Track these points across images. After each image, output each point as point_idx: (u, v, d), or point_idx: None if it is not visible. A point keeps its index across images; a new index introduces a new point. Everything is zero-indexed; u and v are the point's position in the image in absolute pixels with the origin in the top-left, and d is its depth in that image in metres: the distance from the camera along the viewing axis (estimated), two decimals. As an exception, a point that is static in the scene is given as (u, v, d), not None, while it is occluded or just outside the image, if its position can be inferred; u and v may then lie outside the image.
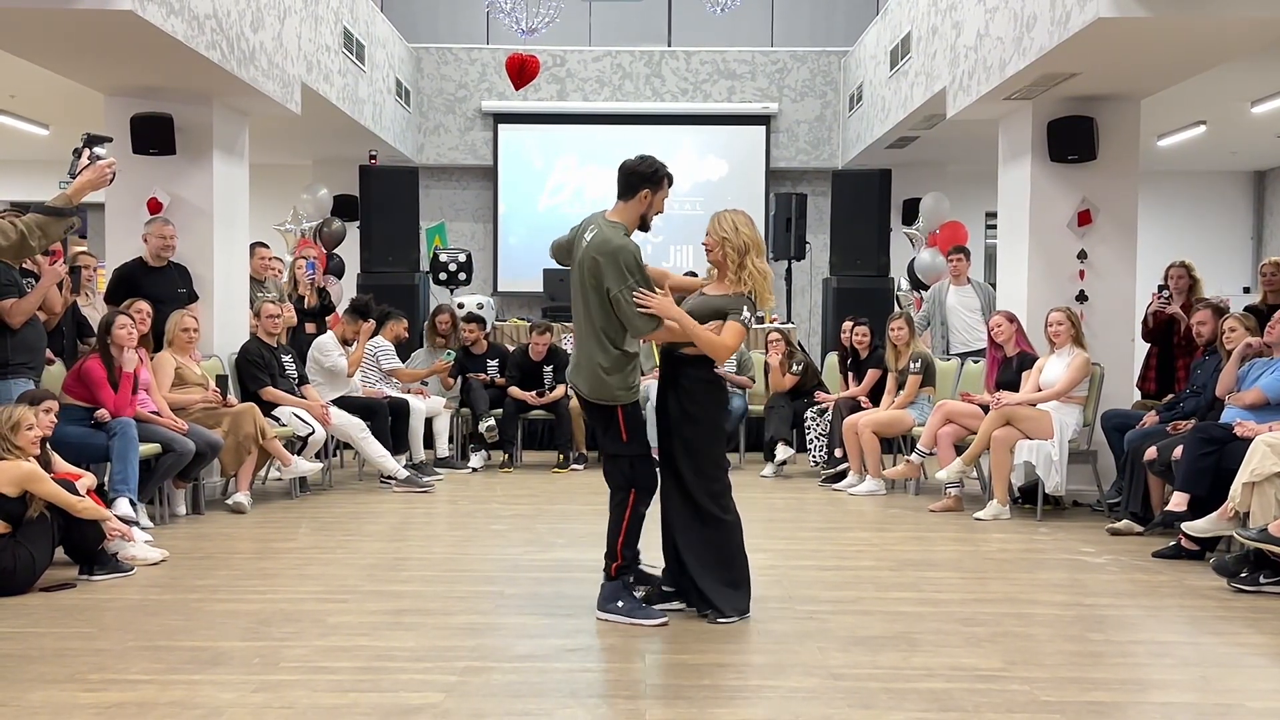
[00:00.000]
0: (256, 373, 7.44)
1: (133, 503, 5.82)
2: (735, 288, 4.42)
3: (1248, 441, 5.23)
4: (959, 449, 7.09)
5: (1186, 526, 5.43)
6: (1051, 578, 5.28)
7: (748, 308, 4.39)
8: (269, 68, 7.61)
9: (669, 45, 13.59)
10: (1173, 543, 5.67)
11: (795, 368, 8.80)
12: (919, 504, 7.29)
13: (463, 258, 11.20)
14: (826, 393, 8.71)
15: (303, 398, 7.64)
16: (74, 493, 4.92)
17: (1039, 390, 6.86)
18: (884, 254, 10.69)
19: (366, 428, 7.78)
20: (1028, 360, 7.13)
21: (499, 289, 13.23)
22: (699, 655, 3.97)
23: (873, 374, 8.25)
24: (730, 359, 8.79)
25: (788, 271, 11.63)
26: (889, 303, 10.44)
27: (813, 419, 8.45)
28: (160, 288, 7.10)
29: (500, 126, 13.30)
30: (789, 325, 10.20)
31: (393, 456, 7.86)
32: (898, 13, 10.36)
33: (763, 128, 13.25)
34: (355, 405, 7.97)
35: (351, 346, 8.23)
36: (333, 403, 7.84)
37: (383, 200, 10.50)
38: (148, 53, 6.46)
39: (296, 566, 5.39)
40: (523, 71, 10.34)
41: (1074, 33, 6.10)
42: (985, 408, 6.99)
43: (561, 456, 8.92)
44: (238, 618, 4.40)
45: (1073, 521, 6.76)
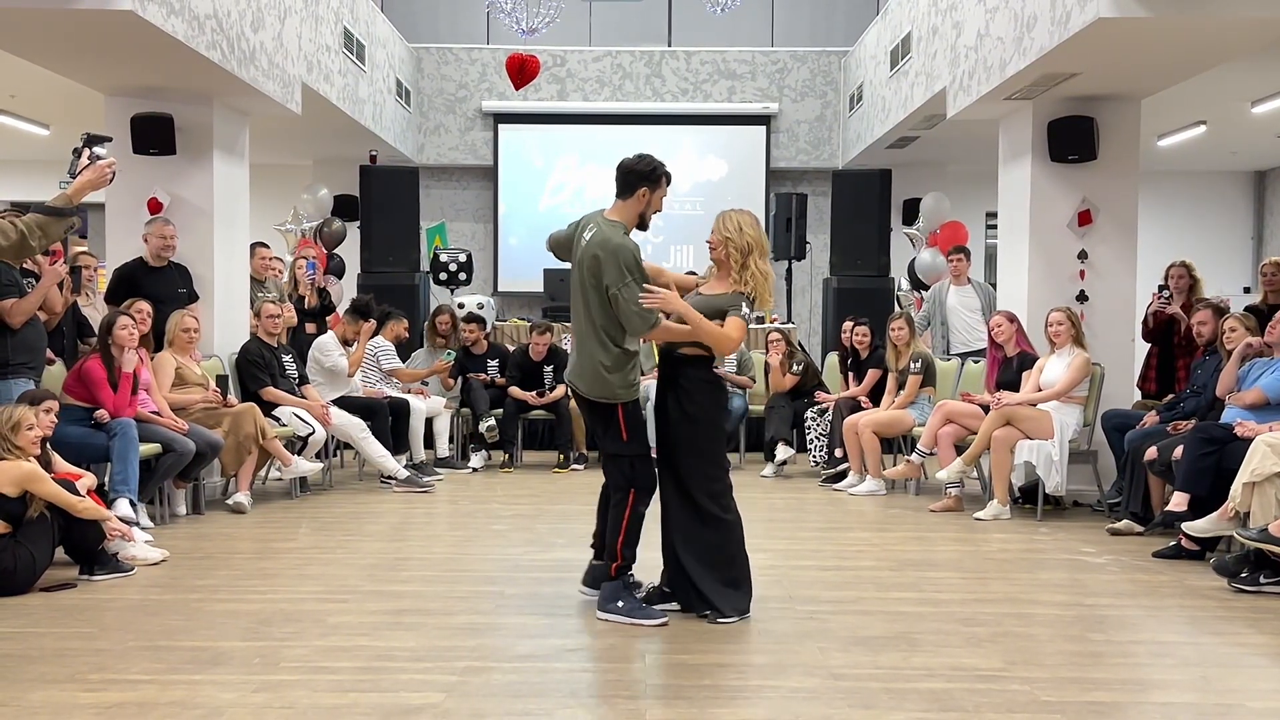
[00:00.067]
0: (257, 373, 7.44)
1: (133, 503, 5.82)
2: (735, 286, 4.43)
3: (1248, 441, 5.23)
4: (959, 449, 7.09)
5: (1187, 526, 5.43)
6: (1052, 578, 5.28)
7: (746, 304, 4.40)
8: (269, 68, 7.61)
9: (669, 45, 13.58)
10: (1173, 543, 5.67)
11: (795, 368, 8.80)
12: (919, 504, 7.29)
13: (463, 258, 11.20)
14: (827, 393, 8.71)
15: (303, 398, 7.64)
16: (74, 493, 4.92)
17: (1039, 390, 6.86)
18: (884, 254, 10.70)
19: (367, 428, 7.78)
20: (1028, 360, 7.13)
21: (499, 289, 13.23)
22: (699, 655, 3.96)
23: (873, 374, 8.25)
24: (730, 359, 8.88)
25: (788, 271, 11.63)
26: (889, 303, 10.45)
27: (813, 419, 8.46)
28: (160, 288, 7.11)
29: (500, 126, 13.30)
30: (789, 325, 10.20)
31: (393, 456, 7.86)
32: (898, 13, 10.36)
33: (763, 128, 13.25)
34: (355, 405, 7.98)
35: (352, 346, 8.23)
36: (333, 403, 7.84)
37: (383, 200, 10.50)
38: (148, 53, 6.46)
39: (297, 566, 5.39)
40: (523, 71, 10.34)
41: (1074, 33, 6.10)
42: (985, 408, 6.99)
43: (562, 456, 8.92)
44: (238, 618, 4.40)
45: (1073, 521, 6.76)
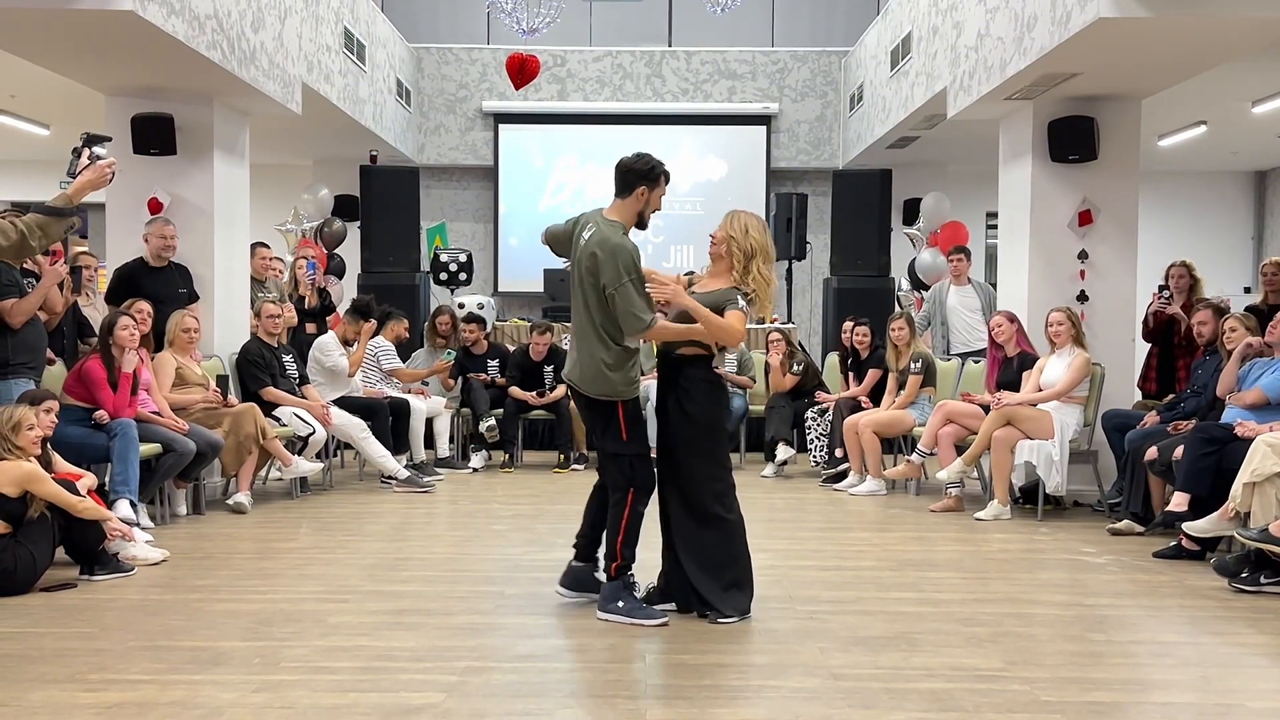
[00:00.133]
0: (257, 373, 7.44)
1: (133, 504, 5.82)
2: (731, 283, 4.42)
3: (1248, 441, 5.23)
4: (959, 449, 7.09)
5: (1187, 527, 5.43)
6: (1052, 578, 5.28)
7: (742, 298, 4.38)
8: (270, 68, 7.61)
9: (669, 45, 13.58)
10: (1173, 543, 5.67)
11: (796, 368, 8.80)
12: (920, 504, 7.29)
13: (463, 258, 11.19)
14: (827, 393, 8.72)
15: (303, 398, 7.64)
16: (75, 493, 4.92)
17: (1039, 390, 6.86)
18: (884, 254, 10.70)
19: (367, 428, 7.78)
20: (1028, 360, 7.13)
21: (499, 289, 13.22)
22: (699, 655, 3.96)
23: (873, 374, 8.25)
24: (731, 359, 8.88)
25: (788, 271, 11.63)
26: (889, 303, 10.45)
27: (813, 419, 8.46)
28: (161, 288, 7.11)
29: (501, 126, 13.30)
30: (789, 325, 10.20)
31: (393, 457, 7.86)
32: (898, 13, 10.35)
33: (763, 128, 13.25)
34: (356, 405, 7.98)
35: (352, 346, 8.23)
36: (333, 403, 7.84)
37: (383, 200, 10.50)
38: (148, 53, 6.46)
39: (297, 566, 5.39)
40: (523, 71, 10.34)
41: (1074, 33, 6.10)
42: (986, 408, 6.98)
43: (562, 456, 8.92)
44: (238, 618, 4.40)
45: (1073, 522, 6.76)
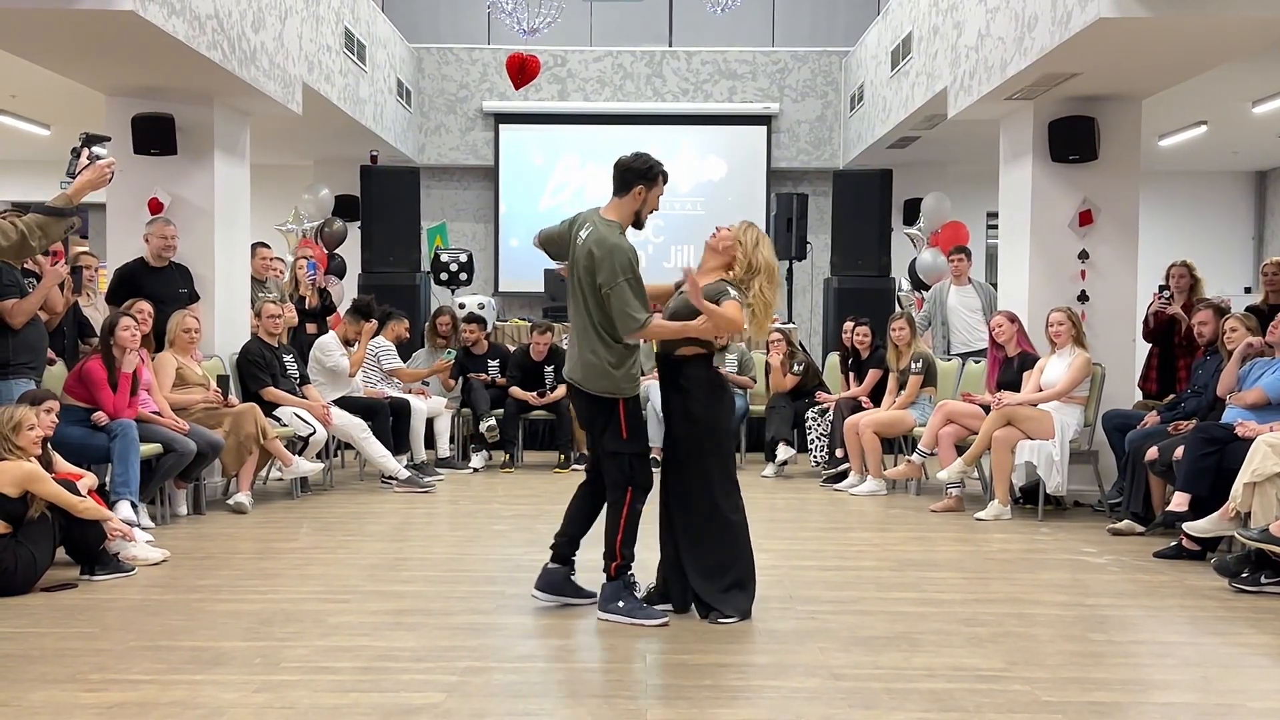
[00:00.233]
0: (258, 373, 7.44)
1: (134, 505, 5.82)
2: (721, 275, 4.40)
3: (1249, 441, 5.23)
4: (960, 449, 7.09)
5: (1188, 527, 5.43)
6: (1053, 578, 5.28)
7: (732, 288, 4.36)
8: (270, 68, 7.61)
9: (670, 45, 13.58)
10: (1174, 543, 5.67)
11: (796, 368, 8.80)
12: (920, 504, 7.29)
13: (464, 258, 11.19)
14: (828, 393, 8.72)
15: (304, 398, 7.64)
16: (75, 493, 4.92)
17: (1040, 390, 6.86)
18: (885, 254, 10.70)
19: (368, 428, 7.78)
20: (1029, 360, 7.13)
21: (500, 289, 13.22)
22: (700, 655, 3.96)
23: (874, 374, 8.25)
24: (731, 359, 8.88)
25: (789, 271, 11.62)
26: (890, 303, 10.45)
27: (814, 419, 8.46)
28: (161, 288, 7.11)
29: (501, 126, 13.29)
30: (790, 325, 10.20)
31: (394, 457, 7.86)
32: (899, 13, 10.35)
33: (764, 128, 13.24)
34: (356, 405, 7.98)
35: (353, 347, 8.23)
36: (334, 403, 7.84)
37: (384, 200, 10.50)
38: (149, 53, 6.46)
39: (298, 566, 5.39)
40: (523, 71, 10.34)
41: (1075, 33, 6.10)
42: (986, 408, 6.98)
43: (563, 456, 8.92)
44: (239, 618, 4.40)
45: (1074, 522, 6.76)
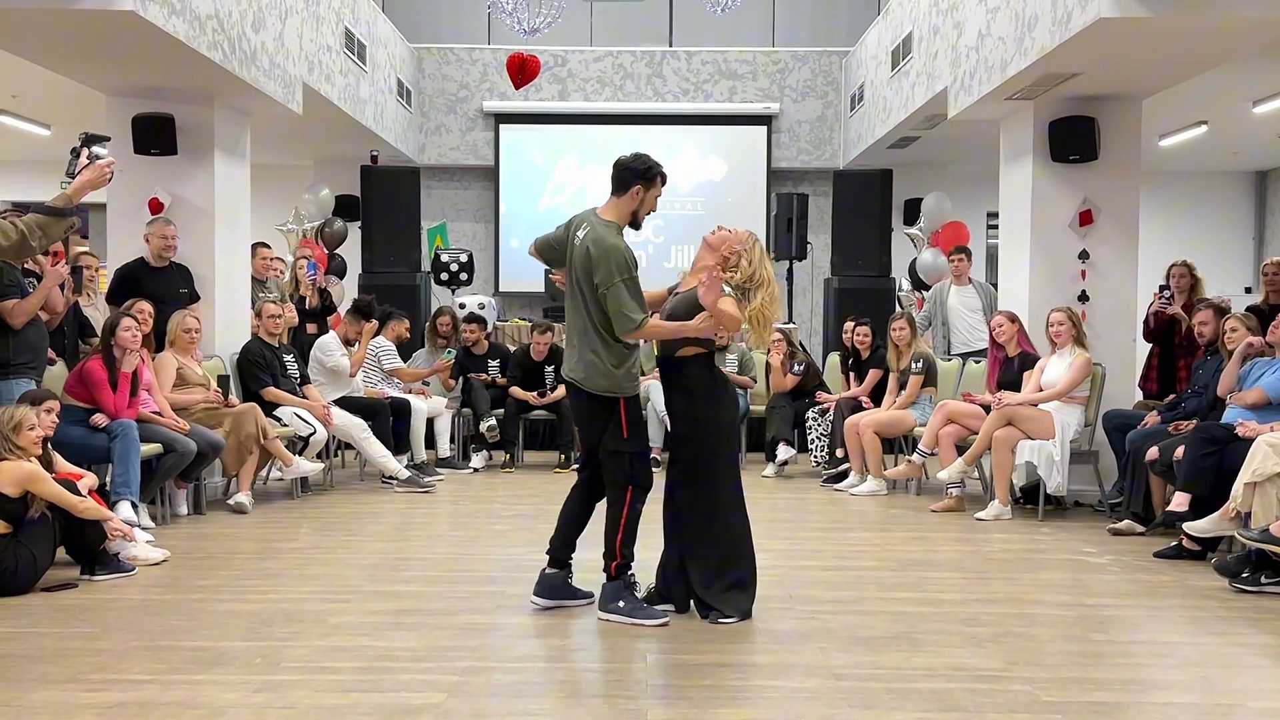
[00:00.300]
0: (258, 373, 7.44)
1: (134, 505, 5.82)
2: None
3: (1249, 441, 5.23)
4: (960, 449, 7.09)
5: (1188, 527, 5.43)
6: (1053, 578, 5.28)
7: (728, 286, 4.34)
8: (270, 68, 7.61)
9: (670, 45, 13.57)
10: (1174, 543, 5.67)
11: (797, 368, 8.79)
12: (920, 504, 7.29)
13: (464, 258, 11.19)
14: (828, 393, 8.71)
15: (304, 398, 7.64)
16: (75, 493, 4.92)
17: (1040, 390, 6.85)
18: (885, 254, 10.70)
19: (368, 428, 7.78)
20: (1029, 360, 7.13)
21: (500, 289, 13.21)
22: (700, 655, 3.96)
23: (874, 374, 8.25)
24: (731, 358, 8.88)
25: (789, 271, 11.62)
26: (890, 303, 10.44)
27: (814, 419, 8.45)
28: (162, 288, 7.11)
29: (502, 127, 13.28)
30: (790, 325, 10.20)
31: (394, 457, 7.86)
32: (899, 13, 10.35)
33: (764, 128, 13.23)
34: (357, 405, 7.97)
35: (354, 347, 8.23)
36: (334, 403, 7.84)
37: (384, 200, 10.50)
38: (149, 53, 6.46)
39: (298, 566, 5.39)
40: (523, 71, 10.34)
41: (1075, 33, 6.09)
42: (987, 408, 6.98)
43: (563, 456, 8.92)
44: (239, 618, 4.40)
45: (1074, 522, 6.76)
